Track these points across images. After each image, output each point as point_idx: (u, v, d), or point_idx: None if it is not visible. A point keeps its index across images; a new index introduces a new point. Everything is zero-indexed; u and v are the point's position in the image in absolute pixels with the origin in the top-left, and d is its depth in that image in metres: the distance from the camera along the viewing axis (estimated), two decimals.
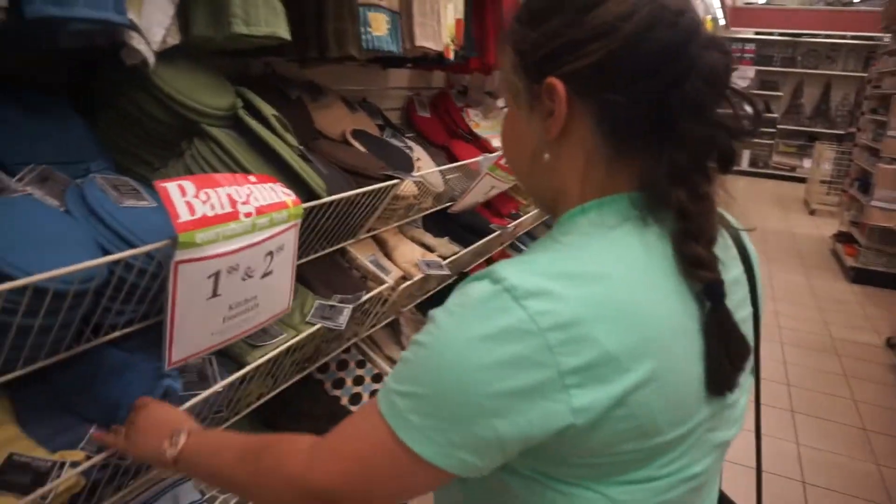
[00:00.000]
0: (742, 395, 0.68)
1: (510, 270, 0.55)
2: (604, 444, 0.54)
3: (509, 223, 2.12)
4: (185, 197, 0.85)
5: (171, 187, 0.83)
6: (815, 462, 2.81)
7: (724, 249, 0.65)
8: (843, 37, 10.40)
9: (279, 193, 1.04)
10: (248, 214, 0.94)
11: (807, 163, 9.97)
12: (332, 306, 1.25)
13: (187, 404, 0.90)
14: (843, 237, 6.14)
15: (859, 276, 5.45)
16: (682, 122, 0.57)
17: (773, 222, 7.43)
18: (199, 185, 0.88)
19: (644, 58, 0.56)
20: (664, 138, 0.58)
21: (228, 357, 1.07)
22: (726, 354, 0.58)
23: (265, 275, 0.98)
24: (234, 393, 1.06)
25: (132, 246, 0.83)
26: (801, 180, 9.72)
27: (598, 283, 0.54)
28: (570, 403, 0.52)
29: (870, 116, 6.23)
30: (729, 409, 0.64)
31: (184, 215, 0.82)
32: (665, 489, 0.58)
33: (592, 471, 0.57)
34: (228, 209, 0.91)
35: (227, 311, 0.90)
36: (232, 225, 0.90)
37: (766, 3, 11.40)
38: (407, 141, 1.80)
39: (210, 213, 0.87)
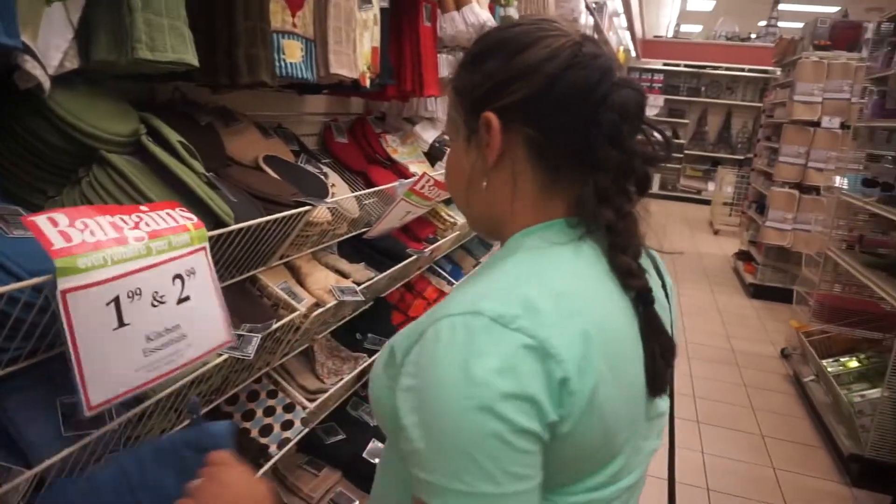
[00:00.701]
0: (665, 407, 0.75)
1: (487, 302, 0.58)
2: (574, 446, 0.59)
3: (426, 247, 2.15)
4: (56, 227, 0.81)
5: (40, 220, 0.79)
6: (718, 469, 2.96)
7: (647, 265, 0.72)
8: (742, 69, 11.20)
9: (177, 218, 1.02)
10: (138, 238, 0.91)
11: (711, 186, 10.60)
12: (240, 336, 1.22)
13: (77, 444, 0.86)
14: (743, 255, 6.56)
15: (758, 292, 5.83)
16: (602, 151, 0.65)
17: (681, 242, 7.84)
18: (72, 217, 0.84)
19: (562, 94, 0.65)
20: (589, 165, 0.66)
21: None
22: (661, 353, 0.67)
23: (181, 301, 0.95)
24: (133, 430, 1.02)
25: (17, 278, 0.79)
26: (706, 202, 10.32)
27: (564, 293, 0.61)
28: (563, 405, 0.57)
29: (765, 143, 6.72)
30: (658, 418, 0.72)
31: (58, 243, 0.79)
32: (610, 498, 0.64)
33: (548, 480, 0.60)
34: (113, 234, 0.87)
35: (146, 343, 0.87)
36: (121, 249, 0.87)
37: (674, 37, 12.14)
38: (322, 167, 1.79)
39: (91, 240, 0.83)
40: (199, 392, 1.23)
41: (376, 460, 1.78)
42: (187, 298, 0.95)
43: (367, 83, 1.79)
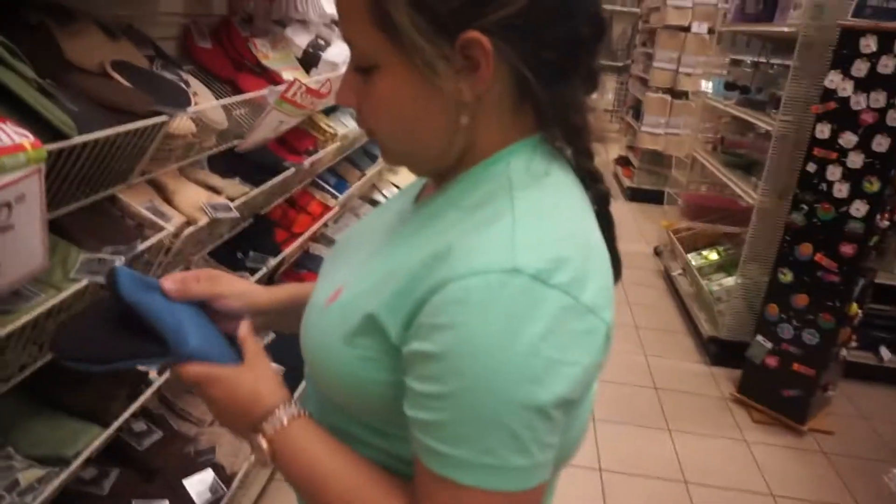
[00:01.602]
0: None
1: (522, 256, 0.51)
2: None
3: (305, 159, 2.06)
4: None
5: None
6: None
7: None
8: None
9: (11, 135, 0.90)
10: None
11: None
12: (101, 259, 1.13)
13: None
14: (621, 161, 6.88)
15: (634, 195, 6.18)
16: (577, 62, 0.59)
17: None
18: None
19: (551, 6, 0.55)
20: (558, 76, 0.58)
21: None
22: (616, 259, 0.65)
23: (4, 230, 0.86)
24: None
25: None
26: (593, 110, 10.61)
27: (584, 231, 0.58)
28: (601, 364, 0.56)
29: (641, 49, 6.93)
30: None
31: None
32: (568, 446, 0.62)
33: None
34: None
35: None
36: None
37: None
38: (183, 74, 1.64)
39: None
40: (62, 322, 1.14)
41: None
42: (10, 227, 0.86)
43: None
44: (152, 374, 1.40)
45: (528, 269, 0.50)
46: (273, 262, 1.88)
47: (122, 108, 1.22)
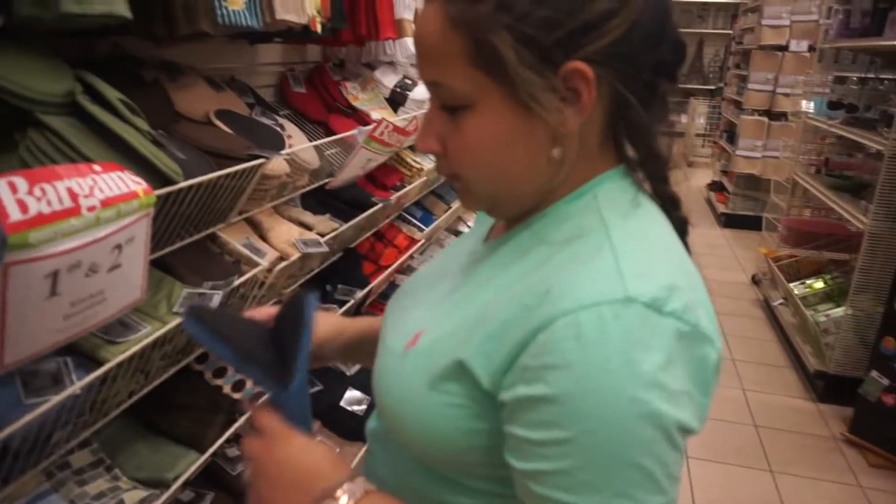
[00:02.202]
0: None
1: (633, 285, 0.50)
2: None
3: (392, 195, 2.13)
4: (15, 195, 0.80)
5: (0, 185, 0.78)
6: None
7: None
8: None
9: (128, 182, 0.99)
10: (91, 208, 0.89)
11: (684, 118, 10.58)
12: (201, 294, 1.22)
13: (40, 409, 0.86)
14: (715, 186, 6.61)
15: (729, 221, 5.91)
16: (663, 88, 0.60)
17: None
18: (32, 180, 0.83)
19: (649, 28, 0.56)
20: (640, 103, 0.58)
21: (87, 357, 1.02)
22: None
23: (113, 268, 0.94)
24: (98, 394, 1.02)
25: None
26: (680, 135, 10.31)
27: (682, 257, 0.58)
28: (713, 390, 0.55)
29: (734, 71, 6.68)
30: None
31: (14, 214, 0.78)
32: None
33: None
34: (69, 204, 0.86)
35: (69, 309, 0.86)
36: (73, 221, 0.86)
37: None
38: (279, 118, 1.75)
39: (46, 211, 0.82)
40: (164, 352, 1.23)
41: (354, 408, 1.82)
42: (119, 266, 0.94)
43: (319, 28, 1.73)
44: (246, 402, 1.47)
45: (642, 297, 0.49)
46: (361, 294, 1.95)
47: (224, 153, 1.32)
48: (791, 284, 3.60)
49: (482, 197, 0.63)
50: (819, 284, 3.53)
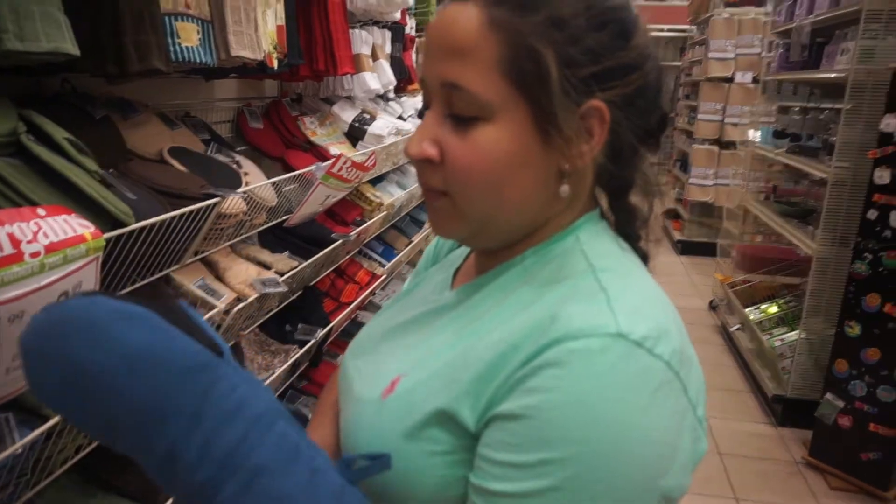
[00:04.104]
0: None
1: (620, 321, 0.49)
2: None
3: (353, 230, 2.11)
4: None
5: None
6: None
7: None
8: (662, 29, 11.44)
9: (75, 226, 0.95)
10: (34, 254, 0.85)
11: None
12: None
13: None
14: (671, 213, 6.78)
15: (686, 248, 6.05)
16: (657, 138, 0.61)
17: None
18: None
19: (655, 83, 0.58)
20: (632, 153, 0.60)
21: (30, 412, 0.96)
22: None
23: None
24: (42, 451, 0.96)
25: None
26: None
27: (668, 305, 0.57)
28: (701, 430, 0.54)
29: (684, 102, 6.91)
30: None
31: None
32: None
33: None
34: (10, 250, 0.82)
35: (11, 363, 0.81)
36: (14, 268, 0.81)
37: None
38: (235, 155, 1.72)
39: None
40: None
41: None
42: None
43: (275, 64, 1.72)
44: None
45: (633, 334, 0.48)
46: (322, 332, 1.90)
47: (178, 193, 1.28)
48: (747, 310, 3.69)
49: (470, 220, 0.58)
50: (773, 309, 3.62)
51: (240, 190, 1.44)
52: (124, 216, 1.06)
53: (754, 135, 4.15)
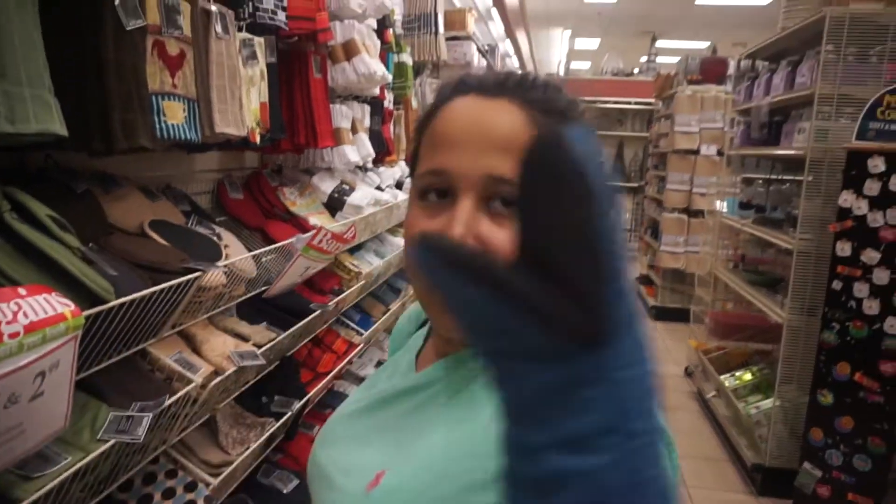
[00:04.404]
0: None
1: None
2: None
3: (331, 300, 2.11)
4: None
5: None
6: None
7: None
8: (629, 102, 11.93)
9: (55, 304, 0.95)
10: (13, 335, 0.84)
11: None
12: (129, 417, 1.14)
13: None
14: (643, 279, 6.88)
15: (660, 314, 6.12)
16: None
17: None
18: None
19: None
20: None
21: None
22: None
23: (34, 397, 0.88)
24: None
25: None
26: None
27: None
28: None
29: (654, 172, 7.15)
30: None
31: None
32: None
33: None
34: None
35: None
36: None
37: (566, 75, 12.79)
38: (215, 227, 1.73)
39: None
40: (86, 483, 1.13)
41: None
42: (41, 394, 0.88)
43: (258, 139, 1.76)
44: None
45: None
46: (298, 404, 1.88)
47: (158, 267, 1.29)
48: (722, 377, 3.72)
49: None
50: (748, 376, 3.66)
51: (220, 263, 1.44)
52: (105, 293, 1.06)
53: (721, 205, 4.30)
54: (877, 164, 2.50)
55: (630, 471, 0.31)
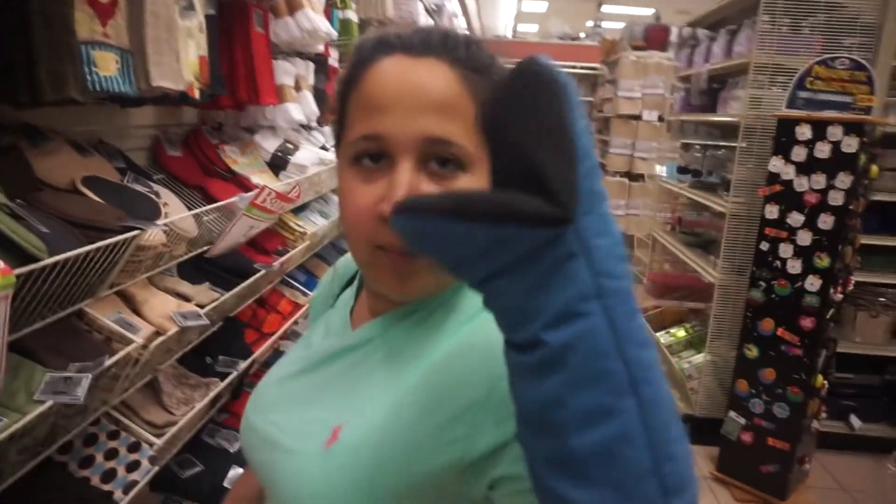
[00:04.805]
0: None
1: None
2: None
3: (275, 260, 2.09)
4: None
5: None
6: None
7: None
8: (574, 66, 12.00)
9: None
10: None
11: None
12: (66, 378, 1.12)
13: None
14: None
15: None
16: None
17: None
18: None
19: None
20: None
21: None
22: None
23: None
24: None
25: None
26: None
27: None
28: None
29: (597, 136, 7.26)
30: None
31: None
32: None
33: None
34: None
35: None
36: None
37: (513, 38, 12.73)
38: (153, 184, 1.68)
39: None
40: (23, 445, 1.11)
41: None
42: None
43: (197, 94, 1.70)
44: (118, 493, 1.35)
45: None
46: (244, 364, 1.87)
47: (94, 225, 1.24)
48: (658, 334, 3.88)
49: (440, 273, 0.60)
50: (682, 333, 3.84)
51: (159, 221, 1.41)
52: (37, 251, 1.02)
53: (660, 169, 4.42)
54: (804, 132, 2.61)
55: (614, 324, 0.35)
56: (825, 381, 2.82)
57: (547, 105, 0.36)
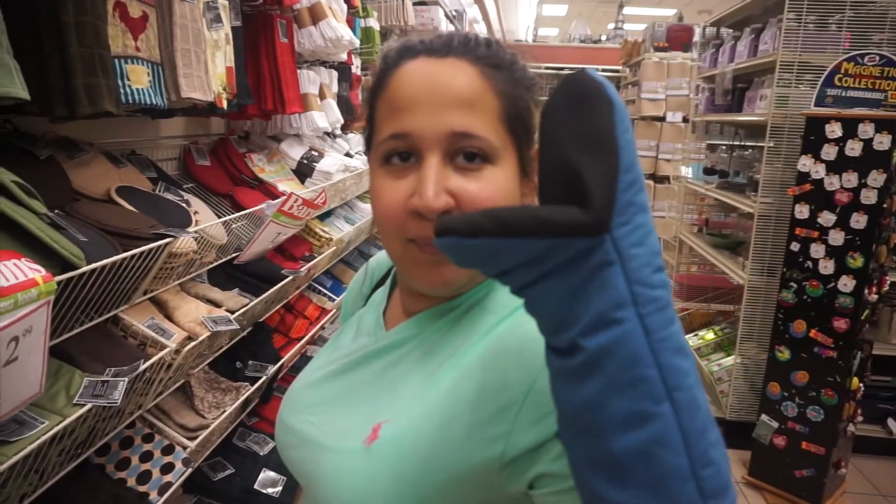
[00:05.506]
0: None
1: None
2: None
3: (302, 266, 2.12)
4: None
5: None
6: None
7: None
8: (596, 69, 11.90)
9: (26, 270, 0.94)
10: None
11: None
12: (104, 382, 1.15)
13: None
14: None
15: None
16: None
17: None
18: None
19: None
20: None
21: None
22: None
23: (8, 363, 0.88)
24: None
25: None
26: None
27: None
28: None
29: None
30: None
31: None
32: None
33: None
34: None
35: None
36: None
37: (533, 42, 12.72)
38: (184, 193, 1.72)
39: None
40: (63, 447, 1.14)
41: (269, 491, 1.74)
42: (15, 359, 0.88)
43: (225, 105, 1.74)
44: (153, 494, 1.38)
45: None
46: (273, 369, 1.89)
47: (128, 233, 1.28)
48: (686, 336, 3.83)
49: None
50: (710, 336, 3.78)
51: (191, 229, 1.44)
52: (76, 259, 1.06)
53: (686, 171, 4.38)
54: (834, 130, 2.57)
55: (649, 331, 0.37)
56: (861, 384, 2.76)
57: (593, 117, 0.37)
